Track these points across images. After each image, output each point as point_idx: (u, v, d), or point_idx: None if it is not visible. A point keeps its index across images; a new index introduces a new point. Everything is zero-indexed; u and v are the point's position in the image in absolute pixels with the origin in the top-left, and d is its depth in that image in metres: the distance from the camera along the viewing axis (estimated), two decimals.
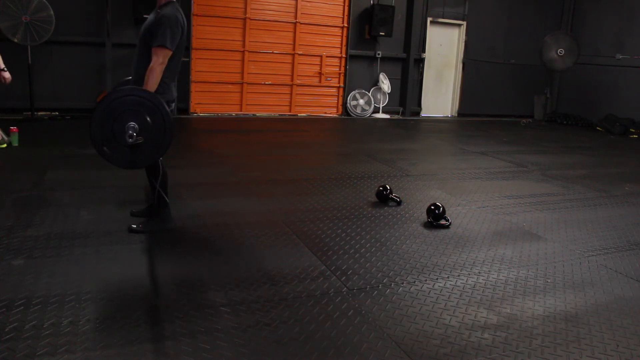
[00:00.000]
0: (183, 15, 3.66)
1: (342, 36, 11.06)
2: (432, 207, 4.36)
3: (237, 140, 8.08)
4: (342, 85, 11.19)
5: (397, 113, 11.85)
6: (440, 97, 12.47)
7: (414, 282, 3.23)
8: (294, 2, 10.51)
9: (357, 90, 11.33)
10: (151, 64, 3.45)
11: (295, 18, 10.56)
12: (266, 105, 10.63)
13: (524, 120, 12.48)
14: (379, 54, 11.39)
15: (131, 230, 3.72)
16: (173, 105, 3.82)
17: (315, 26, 10.77)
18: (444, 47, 12.24)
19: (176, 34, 3.53)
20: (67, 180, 5.03)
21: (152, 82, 3.44)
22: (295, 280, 3.14)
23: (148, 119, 3.18)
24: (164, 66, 3.49)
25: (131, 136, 3.08)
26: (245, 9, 10.14)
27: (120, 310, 2.66)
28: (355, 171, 6.09)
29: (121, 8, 9.20)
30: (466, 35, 12.23)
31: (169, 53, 3.52)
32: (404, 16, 11.55)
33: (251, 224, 4.09)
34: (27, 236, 3.55)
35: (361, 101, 11.33)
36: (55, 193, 4.59)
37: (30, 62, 8.26)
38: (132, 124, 3.14)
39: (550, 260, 3.73)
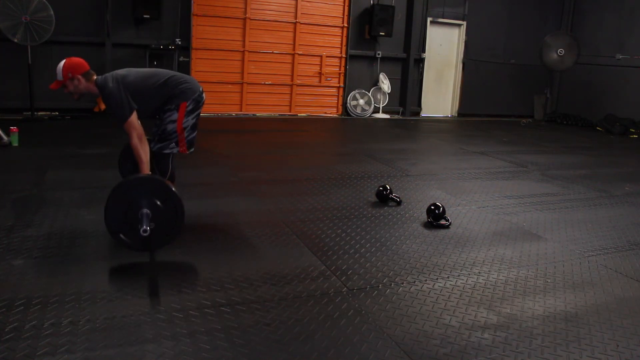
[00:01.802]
0: (111, 78, 3.67)
1: (342, 36, 11.06)
2: (432, 207, 4.36)
3: (237, 140, 8.08)
4: (342, 85, 11.20)
5: (397, 113, 11.86)
6: (440, 97, 12.47)
7: (414, 282, 3.23)
8: (294, 2, 10.52)
9: (357, 90, 11.33)
10: (130, 143, 3.64)
11: (295, 18, 10.56)
12: (266, 105, 10.64)
13: (524, 120, 12.48)
14: (379, 54, 11.39)
15: None
16: (204, 95, 3.94)
17: (315, 26, 10.78)
18: (444, 47, 12.25)
19: (122, 100, 3.62)
20: (67, 180, 5.03)
21: (142, 156, 3.61)
22: (295, 280, 3.14)
23: (159, 203, 3.26)
24: (141, 135, 3.63)
25: (145, 230, 3.13)
26: (245, 9, 10.14)
27: (120, 310, 2.66)
28: (355, 171, 6.09)
29: (121, 8, 9.21)
30: (466, 35, 12.23)
31: (134, 116, 3.64)
32: (404, 16, 11.56)
33: (251, 224, 4.09)
34: (27, 236, 3.55)
35: (361, 101, 11.33)
36: (55, 193, 4.59)
37: (30, 62, 8.26)
38: (145, 211, 3.20)
39: (550, 260, 3.73)
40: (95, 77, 3.70)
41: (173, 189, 3.36)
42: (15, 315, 2.55)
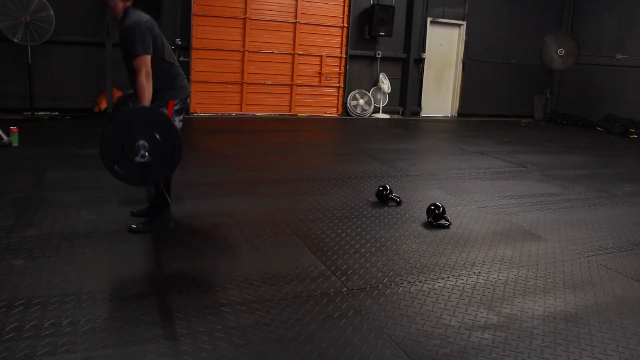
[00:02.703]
0: (142, 15, 3.62)
1: (342, 36, 11.05)
2: (432, 207, 4.36)
3: (237, 140, 8.08)
4: (342, 85, 11.19)
5: (397, 113, 11.85)
6: (440, 97, 12.47)
7: (414, 282, 3.23)
8: (294, 2, 10.51)
9: (357, 90, 11.33)
10: (137, 78, 3.46)
11: (295, 18, 10.56)
12: (266, 105, 10.63)
13: (524, 120, 12.48)
14: (379, 54, 11.39)
15: (131, 230, 3.72)
16: (188, 100, 3.92)
17: (315, 26, 10.77)
18: (444, 47, 12.24)
19: (145, 36, 3.51)
20: (67, 180, 5.03)
21: (145, 94, 3.44)
22: (295, 280, 3.14)
23: (158, 137, 3.19)
24: (149, 74, 3.49)
25: (143, 155, 3.09)
26: (245, 9, 10.14)
27: (120, 310, 2.66)
28: (355, 171, 6.09)
29: None
30: (466, 35, 12.22)
31: (148, 58, 3.51)
32: (404, 16, 11.55)
33: (251, 224, 4.09)
34: (27, 236, 3.55)
35: (361, 101, 11.33)
36: (55, 193, 4.59)
37: (30, 62, 8.25)
38: (142, 142, 3.14)
39: (550, 260, 3.73)
40: (129, 5, 3.61)
41: (174, 123, 3.29)
42: (15, 315, 2.55)
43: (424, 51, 11.88)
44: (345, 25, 10.99)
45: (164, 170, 3.33)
